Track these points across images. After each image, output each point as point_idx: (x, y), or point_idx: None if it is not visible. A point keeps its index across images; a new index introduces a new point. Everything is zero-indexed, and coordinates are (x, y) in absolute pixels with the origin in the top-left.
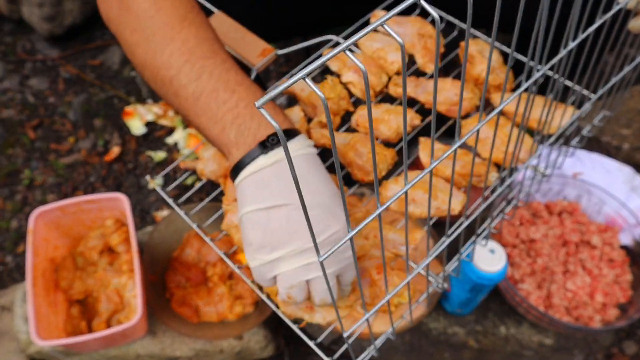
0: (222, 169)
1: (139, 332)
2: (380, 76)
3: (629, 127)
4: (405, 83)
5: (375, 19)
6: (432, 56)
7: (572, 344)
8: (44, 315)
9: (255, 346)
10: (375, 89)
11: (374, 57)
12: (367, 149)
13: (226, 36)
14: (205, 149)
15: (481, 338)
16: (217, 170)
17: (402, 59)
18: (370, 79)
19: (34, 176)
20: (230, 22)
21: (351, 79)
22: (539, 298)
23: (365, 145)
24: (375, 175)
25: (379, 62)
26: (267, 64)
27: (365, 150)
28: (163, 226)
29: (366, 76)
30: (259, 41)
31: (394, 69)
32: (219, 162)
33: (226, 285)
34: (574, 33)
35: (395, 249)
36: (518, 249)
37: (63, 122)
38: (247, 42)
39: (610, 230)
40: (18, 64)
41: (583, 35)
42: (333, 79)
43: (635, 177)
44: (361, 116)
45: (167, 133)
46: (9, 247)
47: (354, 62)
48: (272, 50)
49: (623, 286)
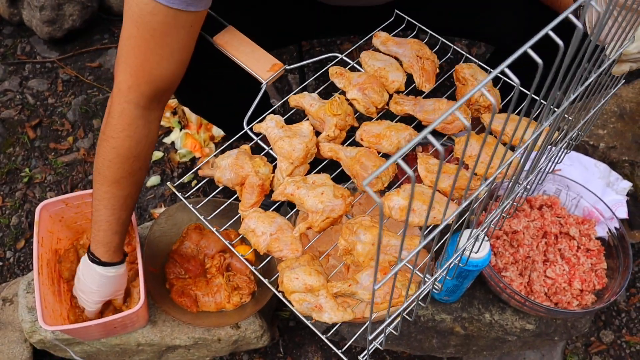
0: (239, 177)
1: (141, 321)
2: (382, 94)
3: (605, 128)
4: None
5: (377, 39)
6: (428, 76)
7: (553, 330)
8: (49, 302)
9: (252, 335)
10: (377, 106)
11: (375, 75)
12: (372, 162)
13: (237, 50)
14: (222, 158)
15: (467, 324)
16: (234, 179)
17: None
18: (372, 96)
19: (34, 174)
20: (241, 36)
21: (355, 96)
22: (521, 285)
23: (370, 159)
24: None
25: (380, 81)
26: (275, 78)
27: (370, 163)
28: (163, 220)
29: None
30: (268, 56)
31: (394, 87)
32: (236, 171)
33: (224, 277)
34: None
35: (397, 253)
36: (501, 240)
37: (62, 122)
38: (257, 57)
39: (587, 222)
40: (18, 66)
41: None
42: (340, 97)
43: (611, 173)
44: (365, 131)
45: (164, 133)
46: (9, 242)
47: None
48: (281, 66)
49: (599, 274)
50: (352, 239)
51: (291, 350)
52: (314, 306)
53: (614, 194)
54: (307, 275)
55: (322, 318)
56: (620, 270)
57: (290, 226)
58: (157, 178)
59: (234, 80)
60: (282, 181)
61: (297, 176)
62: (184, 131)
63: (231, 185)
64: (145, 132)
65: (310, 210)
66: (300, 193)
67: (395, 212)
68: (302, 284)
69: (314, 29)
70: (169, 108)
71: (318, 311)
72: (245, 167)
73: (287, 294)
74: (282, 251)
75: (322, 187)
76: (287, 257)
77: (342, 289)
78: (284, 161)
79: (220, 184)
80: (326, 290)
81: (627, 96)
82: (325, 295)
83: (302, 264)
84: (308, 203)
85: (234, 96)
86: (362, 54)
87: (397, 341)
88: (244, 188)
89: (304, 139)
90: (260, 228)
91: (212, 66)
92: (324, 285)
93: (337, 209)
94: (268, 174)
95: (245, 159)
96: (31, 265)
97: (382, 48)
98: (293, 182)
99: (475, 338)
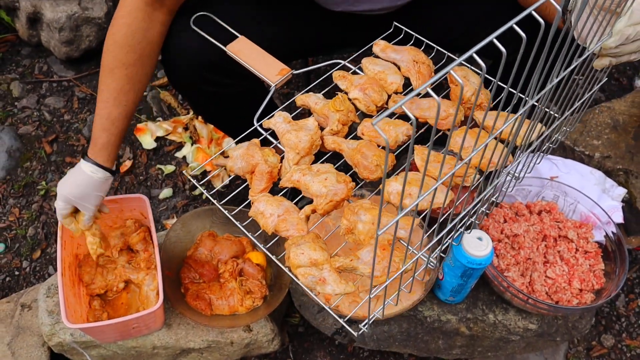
0: (249, 166)
1: (158, 323)
2: (382, 94)
3: (599, 138)
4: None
5: (377, 47)
6: (424, 79)
7: (554, 330)
8: (71, 303)
9: (263, 339)
10: (377, 104)
11: (375, 78)
12: (372, 152)
13: (248, 57)
14: (234, 149)
15: (472, 325)
16: (245, 167)
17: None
18: (372, 96)
19: (50, 187)
20: (252, 45)
21: (357, 95)
22: (523, 284)
23: (370, 149)
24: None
25: (380, 83)
26: (284, 82)
27: (370, 153)
28: (178, 227)
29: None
30: (277, 62)
31: (392, 88)
32: (247, 160)
33: (237, 281)
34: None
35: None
36: (503, 243)
37: (78, 137)
38: (267, 63)
39: (585, 226)
40: (35, 85)
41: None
42: (343, 96)
43: (607, 180)
44: (365, 127)
45: (176, 148)
46: (26, 253)
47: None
48: (288, 71)
49: (597, 274)
50: (354, 219)
51: (300, 355)
52: (318, 279)
53: (610, 199)
54: (312, 251)
55: (325, 290)
56: (617, 272)
57: (296, 209)
58: (170, 190)
59: (243, 90)
60: (289, 170)
61: (303, 165)
62: (196, 146)
63: (242, 173)
64: (144, 26)
65: (315, 195)
66: (305, 179)
67: (394, 197)
68: (307, 258)
69: (319, 45)
70: (180, 124)
71: (322, 284)
72: (256, 156)
73: (293, 269)
74: (288, 231)
75: (326, 173)
76: (293, 236)
77: (345, 263)
78: (291, 152)
79: (232, 172)
80: (330, 264)
81: (619, 109)
82: (328, 269)
83: (307, 241)
84: (313, 188)
85: (242, 103)
86: (363, 59)
87: (405, 342)
88: (253, 176)
89: (310, 131)
90: (268, 210)
91: (224, 76)
92: (328, 260)
93: (340, 192)
94: (276, 162)
95: (255, 149)
96: (47, 275)
97: (381, 55)
98: (299, 170)
99: (480, 338)
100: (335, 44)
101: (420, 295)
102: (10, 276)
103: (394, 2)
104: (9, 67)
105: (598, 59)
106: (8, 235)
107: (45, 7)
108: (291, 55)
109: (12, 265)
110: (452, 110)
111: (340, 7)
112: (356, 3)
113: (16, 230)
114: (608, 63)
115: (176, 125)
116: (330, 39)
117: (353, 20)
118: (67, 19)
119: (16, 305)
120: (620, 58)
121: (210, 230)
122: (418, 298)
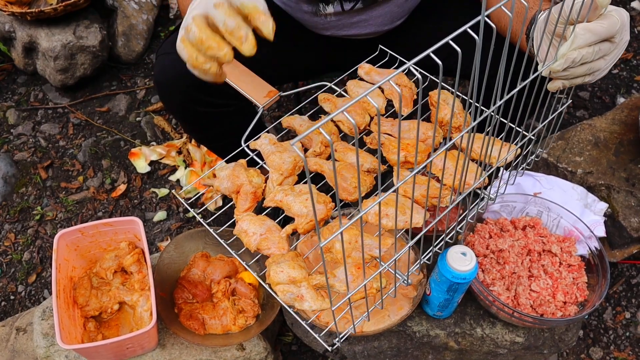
0: (235, 186)
1: (151, 343)
2: (364, 116)
3: (581, 155)
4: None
5: (361, 69)
6: (406, 102)
7: (541, 342)
8: (65, 325)
9: (256, 357)
10: (360, 127)
11: (360, 101)
12: (351, 174)
13: (237, 79)
14: (221, 169)
15: (460, 339)
16: (230, 187)
17: (378, 110)
18: (355, 119)
19: (45, 212)
20: (241, 67)
21: (340, 118)
22: (508, 298)
23: (349, 171)
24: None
25: (363, 105)
26: (271, 103)
27: (349, 175)
28: (172, 248)
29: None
30: (265, 84)
31: (374, 111)
32: (232, 180)
33: (230, 301)
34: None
35: (370, 252)
36: (488, 258)
37: (73, 163)
38: (255, 85)
39: (568, 240)
40: (31, 112)
41: (507, 97)
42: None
43: (588, 195)
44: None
45: (170, 171)
46: (21, 277)
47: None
48: (276, 93)
49: (580, 287)
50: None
51: None
52: (296, 296)
53: (592, 214)
54: (291, 269)
55: (303, 306)
56: (600, 284)
57: (278, 228)
58: (164, 213)
59: (233, 110)
60: (273, 190)
61: (286, 185)
62: (189, 169)
63: (228, 193)
64: None
65: (296, 215)
66: (288, 200)
67: (372, 217)
68: (286, 276)
69: (308, 67)
70: (174, 148)
71: (300, 300)
72: (241, 177)
73: (273, 285)
74: (270, 249)
75: (307, 194)
76: (274, 255)
77: (321, 281)
78: (275, 172)
79: (219, 192)
80: (307, 282)
81: (600, 126)
82: (306, 286)
83: (286, 260)
84: (294, 208)
85: (232, 124)
86: (348, 82)
87: (395, 358)
88: (239, 195)
89: (293, 153)
90: (251, 229)
91: (214, 96)
92: (306, 277)
93: (320, 213)
94: (261, 183)
95: (241, 170)
96: (42, 298)
97: (365, 77)
98: (282, 190)
99: (468, 352)
100: (323, 67)
101: (408, 310)
102: (5, 300)
103: (381, 27)
104: (5, 95)
105: (551, 82)
106: (4, 260)
107: (41, 37)
108: (281, 79)
109: (7, 290)
110: (430, 132)
111: (329, 32)
112: (345, 28)
113: (12, 255)
114: (561, 85)
115: (170, 149)
116: (319, 62)
117: (341, 44)
118: (62, 47)
119: (11, 329)
120: (572, 81)
121: (204, 251)
122: (406, 313)
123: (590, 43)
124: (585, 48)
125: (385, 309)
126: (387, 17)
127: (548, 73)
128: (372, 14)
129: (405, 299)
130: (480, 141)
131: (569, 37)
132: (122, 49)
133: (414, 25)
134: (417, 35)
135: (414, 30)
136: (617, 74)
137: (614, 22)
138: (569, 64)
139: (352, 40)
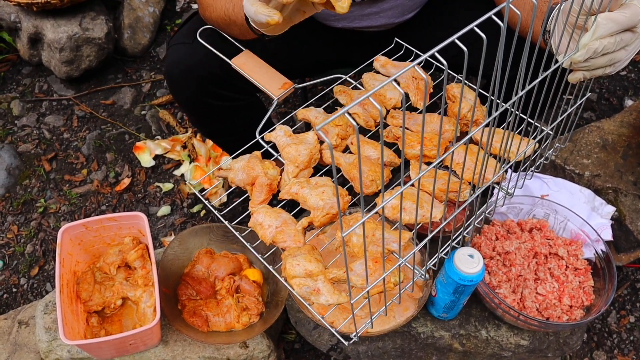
0: (250, 178)
1: (154, 339)
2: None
3: (589, 157)
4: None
5: (377, 62)
6: (422, 95)
7: (546, 346)
8: (68, 320)
9: (259, 355)
10: (376, 119)
11: (375, 93)
12: (367, 167)
13: (252, 70)
14: (236, 161)
15: (465, 341)
16: (245, 179)
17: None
18: (371, 111)
19: (49, 205)
20: (256, 58)
21: (356, 110)
22: (514, 301)
23: (365, 164)
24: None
25: (379, 98)
26: (286, 95)
27: (366, 168)
28: (176, 244)
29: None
30: (280, 75)
31: (391, 103)
32: (247, 172)
33: (233, 298)
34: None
35: (388, 245)
36: (495, 260)
37: (77, 155)
38: (270, 77)
39: (575, 243)
40: (35, 103)
41: (529, 86)
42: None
43: (596, 198)
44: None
45: (174, 166)
46: (24, 270)
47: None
48: (291, 84)
49: (586, 291)
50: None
51: None
52: (312, 290)
53: (599, 217)
54: (307, 262)
55: (319, 300)
56: (606, 288)
57: (293, 220)
58: (168, 208)
59: (243, 104)
60: (289, 182)
61: (301, 178)
62: (194, 164)
63: (242, 185)
64: None
65: (312, 207)
66: (303, 192)
67: (388, 211)
68: (302, 269)
69: (320, 61)
70: (179, 142)
71: (316, 294)
72: (256, 169)
73: (289, 279)
74: (285, 242)
75: (323, 187)
76: (290, 248)
77: (338, 275)
78: (291, 165)
79: (234, 184)
80: (324, 275)
81: (609, 128)
82: (323, 280)
83: (303, 253)
84: (310, 201)
85: (242, 118)
86: (364, 75)
87: (399, 358)
88: (254, 187)
89: (309, 145)
90: (267, 221)
91: (226, 89)
92: (322, 271)
93: (336, 205)
94: (276, 175)
95: (256, 162)
96: (44, 292)
97: (381, 70)
98: (298, 183)
99: (472, 354)
100: (334, 61)
101: (413, 311)
102: (7, 293)
103: (393, 19)
104: (9, 86)
105: (571, 74)
106: (6, 252)
107: (47, 28)
108: (291, 73)
109: (9, 282)
110: (447, 126)
111: (340, 24)
112: (356, 20)
113: (14, 248)
114: (582, 77)
115: (174, 144)
116: (330, 56)
117: (354, 36)
118: (68, 39)
119: (13, 322)
120: (593, 72)
121: (208, 247)
122: (411, 314)
123: (612, 33)
124: (607, 38)
125: (390, 309)
126: (399, 10)
127: (569, 64)
128: (382, 6)
129: (410, 299)
130: (497, 136)
131: (590, 27)
132: (128, 41)
133: (426, 18)
134: (432, 28)
135: (428, 24)
136: (625, 76)
137: (637, 11)
138: (591, 54)
139: (364, 33)
